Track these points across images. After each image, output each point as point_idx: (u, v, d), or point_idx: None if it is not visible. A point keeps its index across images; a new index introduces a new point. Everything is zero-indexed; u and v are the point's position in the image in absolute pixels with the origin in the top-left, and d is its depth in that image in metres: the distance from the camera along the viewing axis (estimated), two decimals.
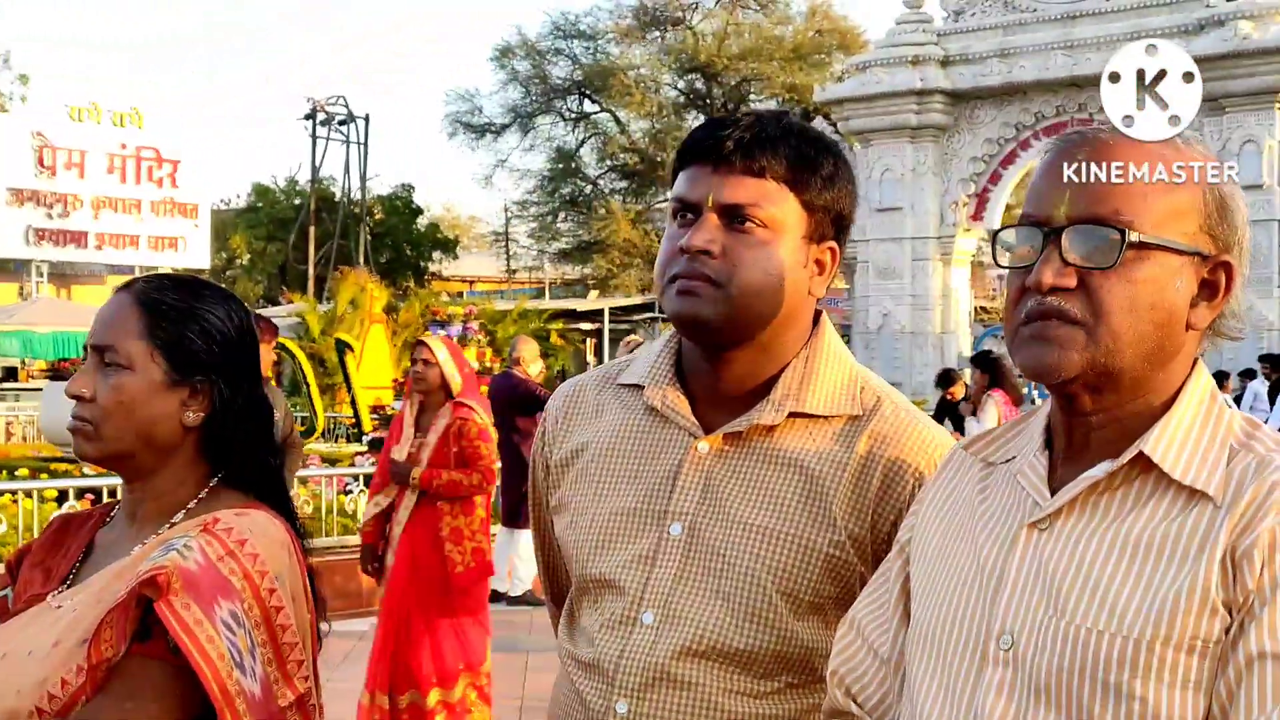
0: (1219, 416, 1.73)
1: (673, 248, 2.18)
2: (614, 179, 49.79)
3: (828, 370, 2.26)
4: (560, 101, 49.37)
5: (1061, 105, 24.40)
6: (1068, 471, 1.76)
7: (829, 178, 2.22)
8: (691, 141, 2.22)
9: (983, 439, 1.95)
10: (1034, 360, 1.72)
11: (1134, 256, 1.69)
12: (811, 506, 2.16)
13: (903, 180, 25.55)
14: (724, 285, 2.14)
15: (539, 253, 51.96)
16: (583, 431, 2.37)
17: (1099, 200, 1.70)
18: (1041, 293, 1.71)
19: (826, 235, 2.25)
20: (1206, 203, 1.73)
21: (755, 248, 2.16)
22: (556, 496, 2.38)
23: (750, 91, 46.50)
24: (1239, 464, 1.66)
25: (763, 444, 2.21)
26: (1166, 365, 1.73)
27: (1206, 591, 1.58)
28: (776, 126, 2.20)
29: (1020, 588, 1.71)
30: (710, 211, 2.16)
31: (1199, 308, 1.74)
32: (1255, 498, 1.60)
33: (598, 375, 2.45)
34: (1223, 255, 1.74)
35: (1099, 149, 1.74)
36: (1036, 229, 1.74)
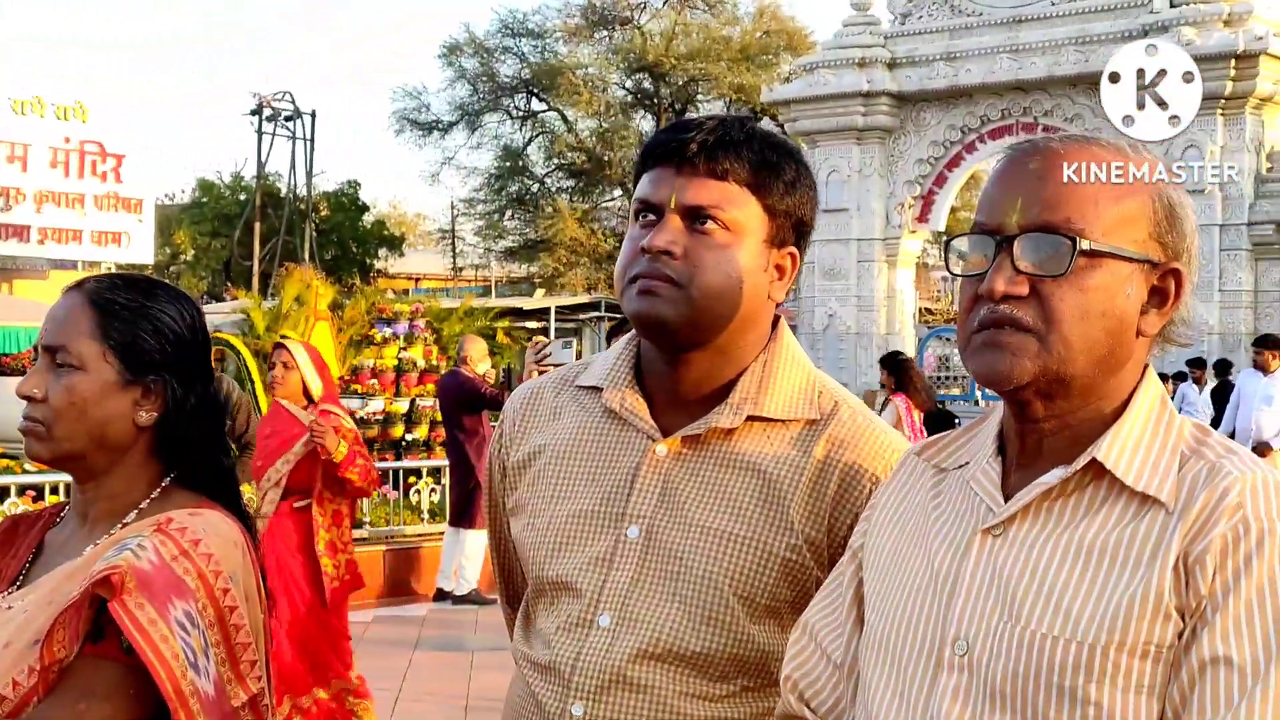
0: (1170, 423, 1.75)
1: (634, 248, 2.18)
2: (561, 178, 49.72)
3: (786, 374, 2.26)
4: (508, 100, 49.25)
5: (1006, 109, 24.58)
6: (1021, 477, 1.77)
7: (791, 183, 2.24)
8: (655, 143, 2.23)
9: (935, 444, 1.96)
10: (987, 367, 1.73)
11: (1085, 264, 1.70)
12: (769, 510, 2.16)
13: (849, 182, 25.66)
14: (685, 286, 2.14)
15: (485, 251, 51.78)
16: (541, 433, 2.36)
17: (1050, 208, 1.72)
18: (994, 300, 1.72)
19: (787, 240, 2.26)
20: (1156, 210, 1.75)
21: (716, 250, 2.16)
22: (514, 498, 2.37)
23: (698, 92, 46.53)
24: (1190, 470, 1.68)
25: (721, 447, 2.21)
26: (1117, 372, 1.75)
27: (1160, 597, 1.60)
28: (741, 130, 2.21)
29: (974, 593, 1.72)
30: (672, 213, 2.16)
31: (1149, 315, 1.75)
32: (1207, 504, 1.62)
33: (556, 377, 2.45)
34: (1172, 263, 1.75)
35: (1050, 157, 1.75)
36: (989, 237, 1.75)
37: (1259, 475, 1.64)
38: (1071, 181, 1.73)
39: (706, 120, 2.22)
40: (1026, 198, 1.73)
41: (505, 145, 49.21)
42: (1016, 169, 1.77)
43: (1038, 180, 1.74)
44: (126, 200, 28.01)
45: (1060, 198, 1.72)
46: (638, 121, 47.64)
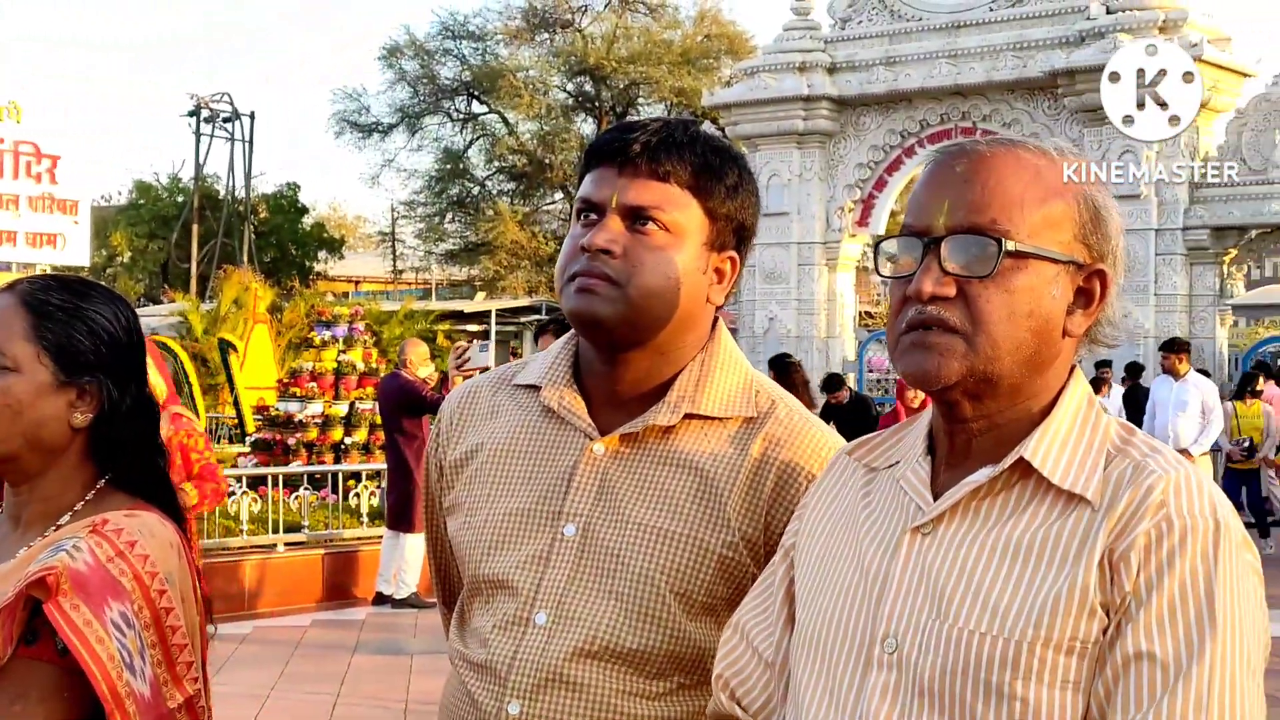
0: (1096, 422, 1.78)
1: (574, 246, 2.20)
2: (502, 180, 49.59)
3: (723, 374, 2.28)
4: (448, 102, 49.08)
5: (946, 113, 24.70)
6: (950, 477, 1.79)
7: (733, 188, 2.25)
8: (599, 143, 2.24)
9: (866, 444, 1.98)
10: (915, 368, 1.75)
11: (1011, 265, 1.73)
12: (706, 507, 2.18)
13: (789, 185, 25.71)
14: (623, 286, 2.16)
15: (426, 253, 51.60)
16: (478, 432, 2.37)
17: (976, 210, 1.74)
18: (922, 301, 1.74)
19: (727, 244, 2.27)
20: (1081, 213, 1.78)
21: (656, 250, 2.18)
22: (450, 498, 2.38)
23: (639, 95, 46.53)
24: (1116, 468, 1.71)
25: (658, 445, 2.22)
26: (1044, 372, 1.78)
27: (1085, 593, 1.62)
28: (684, 133, 2.23)
29: (904, 591, 1.74)
30: (613, 212, 2.18)
31: (1075, 315, 1.78)
32: (1132, 502, 1.65)
33: (493, 377, 2.45)
34: (1097, 264, 1.79)
35: (977, 160, 1.78)
36: (917, 239, 1.78)
37: (1182, 473, 1.67)
38: (998, 184, 1.75)
39: (651, 122, 2.24)
40: (953, 200, 1.76)
41: (446, 148, 49.05)
42: (944, 172, 1.79)
43: (964, 183, 1.76)
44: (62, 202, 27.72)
45: (986, 200, 1.75)
46: (579, 125, 47.58)
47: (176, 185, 49.51)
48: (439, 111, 49.20)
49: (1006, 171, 1.76)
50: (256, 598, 11.84)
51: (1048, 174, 1.78)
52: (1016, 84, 23.75)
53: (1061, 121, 23.50)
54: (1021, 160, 1.78)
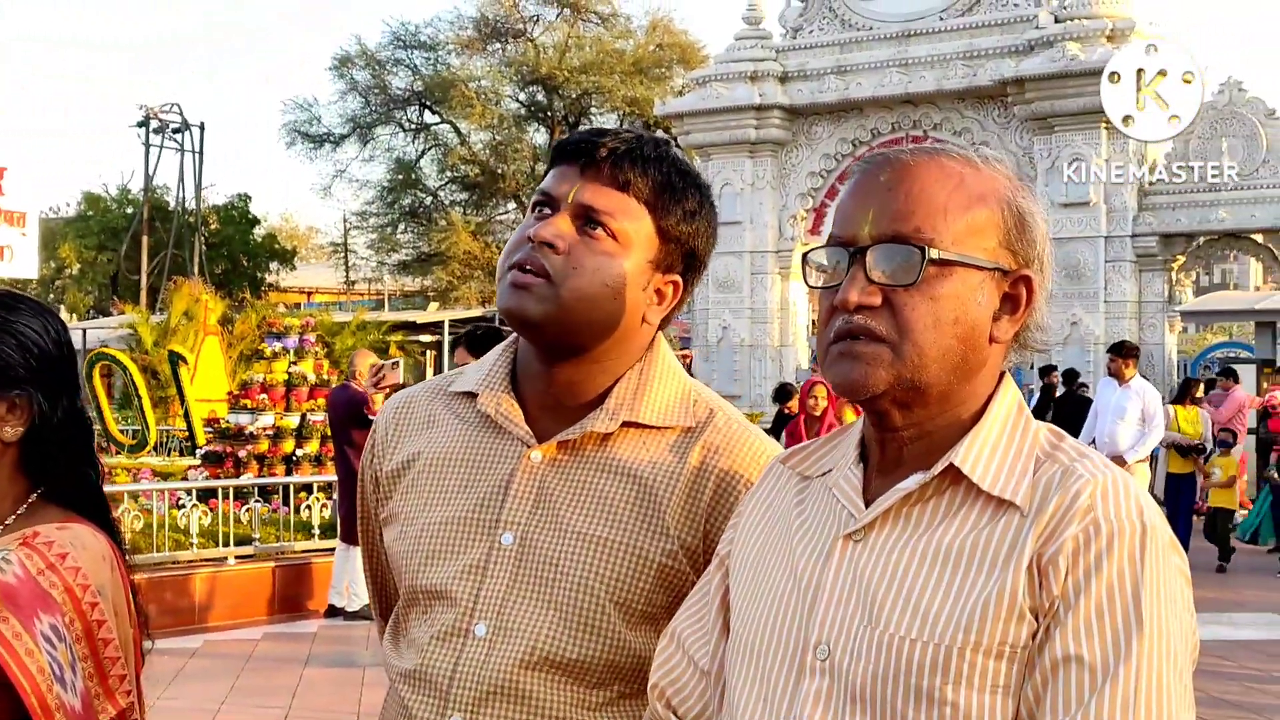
0: (1025, 428, 1.79)
1: (522, 235, 2.20)
2: (454, 190, 49.52)
3: (661, 383, 2.28)
4: (400, 112, 48.98)
5: (897, 122, 24.83)
6: (882, 484, 1.80)
7: (691, 213, 2.26)
8: (569, 140, 2.24)
9: (799, 453, 1.99)
10: (843, 377, 1.77)
11: (935, 273, 1.74)
12: (645, 516, 2.18)
13: (742, 194, 25.78)
14: (557, 285, 2.15)
15: (378, 264, 51.42)
16: (413, 442, 2.36)
17: (900, 219, 1.76)
18: (848, 311, 1.75)
19: (674, 267, 2.27)
20: (1005, 219, 1.79)
21: (599, 256, 2.17)
22: (387, 509, 2.37)
23: (591, 105, 46.55)
24: (1045, 474, 1.72)
25: (597, 453, 2.22)
26: (972, 378, 1.79)
27: (1014, 598, 1.64)
28: (654, 149, 2.23)
29: (836, 598, 1.75)
30: (566, 209, 2.18)
31: (1001, 321, 1.79)
32: (1059, 507, 1.66)
33: (429, 386, 2.44)
34: (1023, 270, 1.80)
35: (900, 169, 1.79)
36: (842, 249, 1.79)
37: (1110, 477, 1.69)
38: (922, 191, 1.77)
39: (625, 131, 2.25)
40: (878, 209, 1.77)
41: (398, 158, 48.94)
42: (868, 181, 1.81)
43: (887, 192, 1.78)
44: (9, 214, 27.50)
45: (909, 209, 1.76)
46: (531, 134, 47.57)
47: (126, 197, 49.22)
48: (391, 121, 49.10)
49: (930, 180, 1.78)
50: (207, 611, 11.78)
51: (972, 181, 1.79)
52: (967, 92, 23.90)
53: (1012, 130, 23.66)
54: (945, 168, 1.79)
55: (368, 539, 2.51)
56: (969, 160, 1.82)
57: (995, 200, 1.79)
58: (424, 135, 49.41)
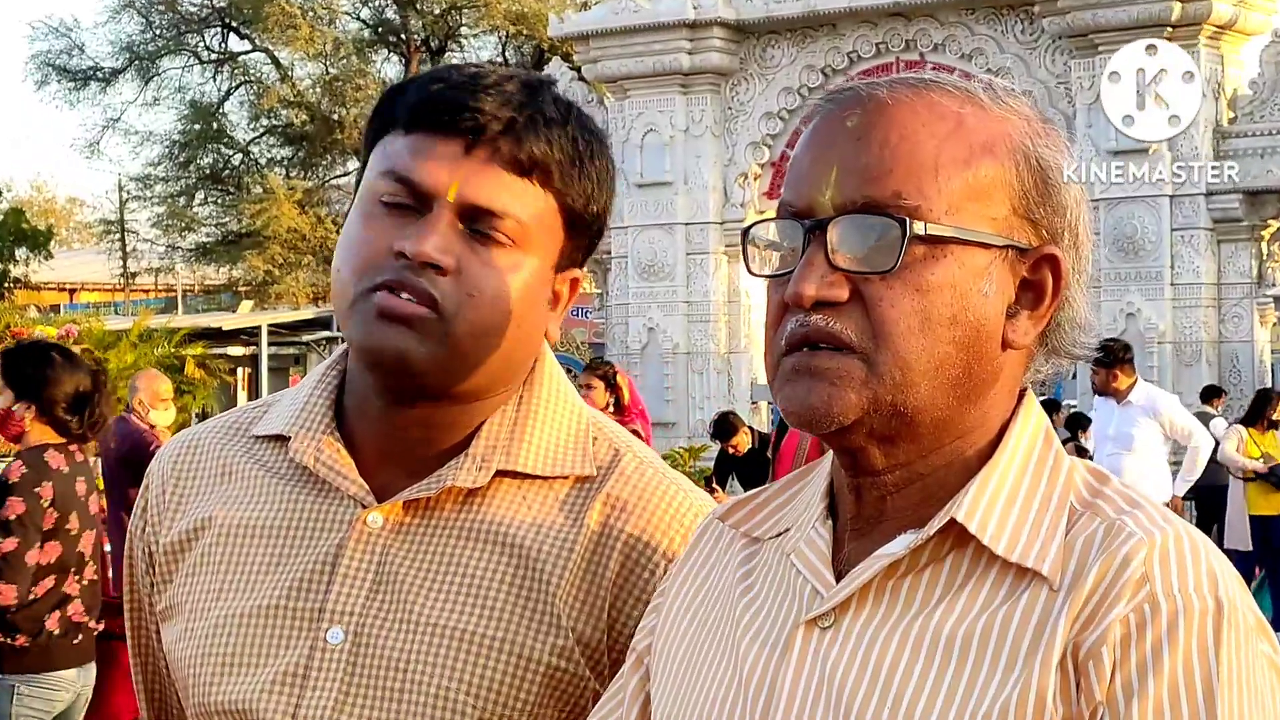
0: (1056, 466, 1.79)
1: (378, 242, 2.14)
2: (273, 145, 49.35)
3: (549, 416, 2.28)
4: (195, 37, 48.74)
5: (883, 41, 24.93)
6: (858, 548, 1.79)
7: (600, 182, 2.26)
8: (431, 99, 2.18)
9: (744, 506, 1.98)
10: (797, 403, 1.75)
11: (923, 254, 1.73)
12: (527, 601, 2.17)
13: (672, 144, 25.80)
14: (449, 318, 2.12)
15: (168, 249, 51.10)
16: (202, 503, 2.33)
17: (873, 180, 1.74)
18: (804, 309, 1.74)
19: (576, 261, 2.28)
20: (1021, 177, 1.78)
21: (499, 272, 2.15)
22: (166, 597, 2.34)
23: (461, 24, 46.54)
24: (1082, 531, 1.71)
25: (459, 515, 2.21)
26: (980, 399, 1.78)
27: (1041, 702, 1.63)
28: (555, 106, 2.21)
29: (797, 704, 1.74)
30: (447, 207, 2.13)
31: (1019, 319, 1.79)
32: (1103, 577, 1.65)
33: (222, 425, 2.41)
34: (1047, 246, 1.79)
35: (874, 109, 1.78)
36: (796, 222, 1.77)
37: (1170, 535, 1.68)
38: (903, 141, 1.75)
39: (506, 79, 2.20)
40: (843, 167, 1.75)
41: (193, 101, 48.68)
42: (831, 127, 1.79)
43: (856, 141, 1.76)
44: None
45: (887, 165, 1.74)
46: (379, 66, 47.55)
47: None
48: (182, 51, 48.84)
49: (915, 123, 1.76)
50: None
51: (974, 124, 1.78)
52: (979, 0, 24.04)
53: (1041, 51, 23.83)
54: (936, 107, 1.78)
55: (138, 640, 2.48)
56: (970, 96, 1.80)
57: (1007, 150, 1.78)
58: (229, 69, 49.15)
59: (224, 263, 49.61)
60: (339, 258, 2.20)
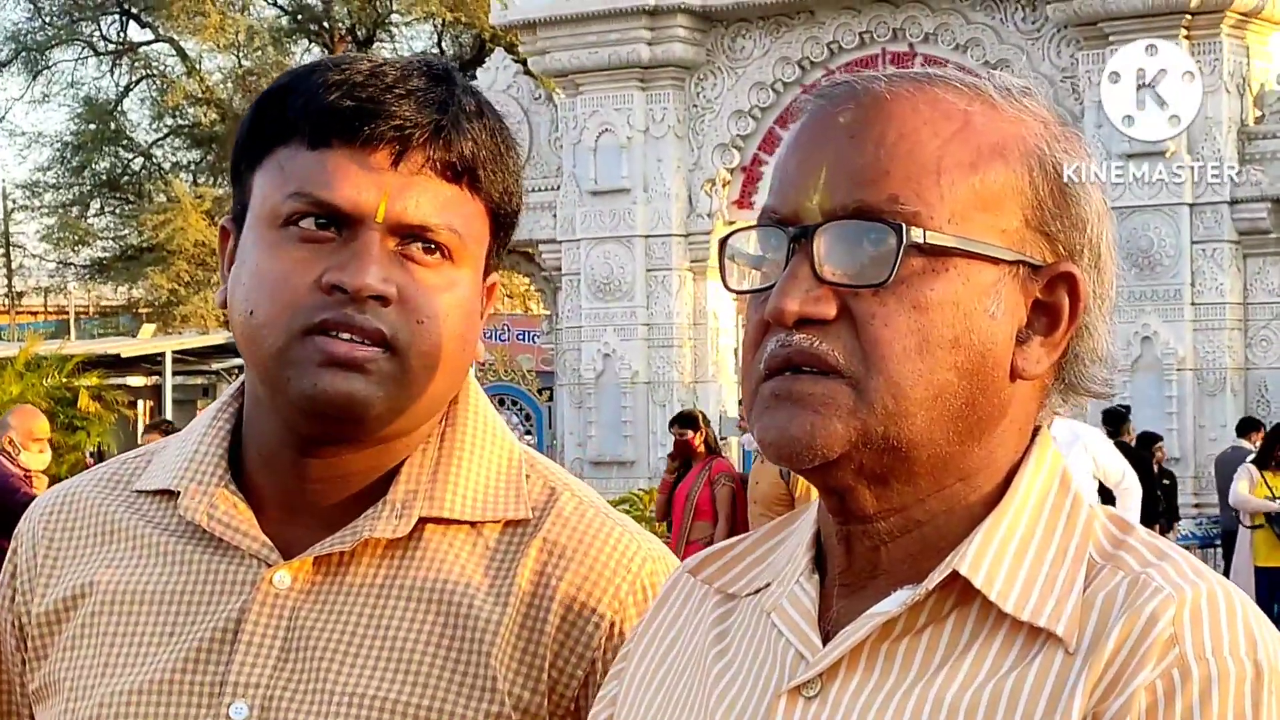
0: (1072, 515, 1.77)
1: (299, 275, 2.11)
2: (179, 147, 49.41)
3: (477, 453, 2.27)
4: (90, 25, 48.79)
5: (868, 30, 25.05)
6: (848, 606, 1.78)
7: (516, 175, 2.26)
8: (338, 105, 2.14)
9: (718, 558, 1.96)
10: (777, 434, 1.73)
11: (922, 267, 1.71)
12: (457, 664, 2.16)
13: (630, 146, 25.88)
14: (403, 352, 2.11)
15: (59, 265, 51.13)
16: (81, 566, 2.31)
17: (868, 183, 1.73)
18: (786, 327, 1.72)
19: (494, 265, 2.28)
20: (1036, 185, 1.77)
21: (442, 292, 2.15)
22: (40, 675, 2.31)
23: (393, 10, 46.61)
24: (1102, 587, 1.69)
25: (379, 570, 2.19)
26: (984, 436, 1.77)
27: None
28: (470, 97, 2.20)
29: None
30: (377, 229, 2.11)
31: (1030, 345, 1.77)
32: (1126, 638, 1.64)
33: (100, 478, 2.39)
34: (1063, 264, 1.78)
35: (871, 105, 1.77)
36: (779, 229, 1.76)
37: (1203, 590, 1.67)
38: (902, 140, 1.74)
39: (408, 75, 2.17)
40: (833, 167, 1.74)
41: (87, 97, 48.72)
42: (821, 124, 1.79)
43: (849, 140, 1.75)
44: None
45: (883, 166, 1.73)
46: (299, 58, 47.47)
47: None
48: (75, 41, 48.86)
49: (916, 121, 1.75)
50: None
51: (983, 124, 1.77)
52: None
53: (1044, 41, 23.96)
54: (940, 104, 1.77)
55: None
56: (979, 93, 1.80)
57: (1020, 154, 1.77)
58: (128, 61, 49.16)
59: (123, 281, 49.60)
60: (245, 296, 2.15)
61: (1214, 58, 22.23)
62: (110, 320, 51.98)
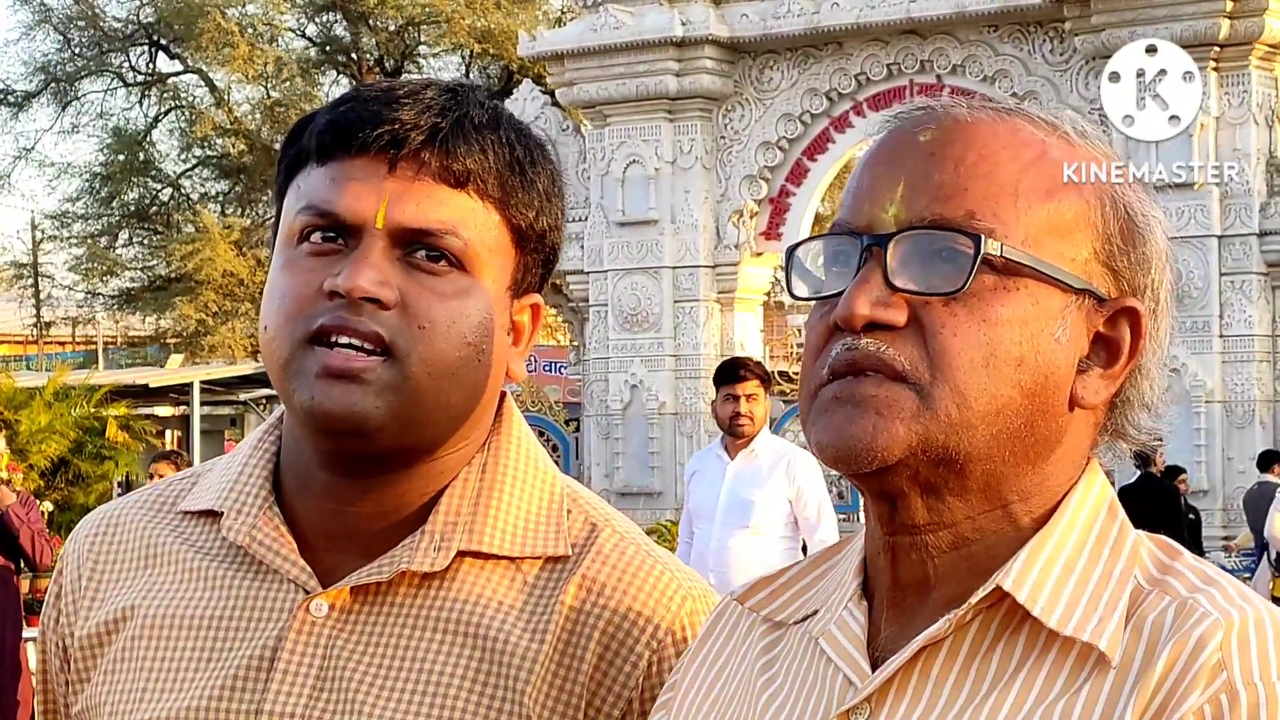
0: (1119, 541, 1.77)
1: (305, 285, 2.11)
2: (208, 178, 49.41)
3: (518, 486, 2.25)
4: (119, 57, 48.80)
5: (896, 62, 25.02)
6: (897, 630, 1.77)
7: (548, 195, 2.24)
8: (343, 120, 2.16)
9: (765, 586, 1.96)
10: (836, 435, 1.73)
11: (994, 284, 1.72)
12: (492, 700, 2.14)
13: (658, 177, 25.84)
14: (402, 358, 2.09)
15: (88, 295, 51.08)
16: (123, 590, 2.30)
17: (946, 197, 1.74)
18: (854, 331, 1.72)
19: (532, 285, 2.26)
20: (1106, 221, 1.78)
21: (450, 299, 2.12)
22: (83, 698, 2.30)
23: (420, 41, 46.61)
24: (1150, 611, 1.68)
25: (415, 601, 2.18)
26: (1040, 461, 1.76)
27: None
28: (482, 109, 2.18)
29: None
30: (377, 235, 2.10)
31: (1089, 375, 1.77)
32: (1174, 663, 1.63)
33: (145, 500, 2.39)
34: (1127, 299, 1.78)
35: (952, 128, 1.78)
36: (853, 239, 1.77)
37: (1251, 616, 1.65)
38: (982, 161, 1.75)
39: (422, 88, 2.19)
40: (911, 182, 1.75)
41: (116, 128, 48.71)
42: (900, 143, 1.79)
43: (929, 157, 1.76)
44: None
45: (961, 183, 1.74)
46: (327, 89, 47.53)
47: None
48: (105, 72, 48.90)
49: (996, 145, 1.76)
50: None
51: (1059, 156, 1.78)
52: (1002, 15, 24.11)
53: (1072, 73, 23.92)
54: (1019, 131, 1.78)
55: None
56: (1055, 128, 1.81)
57: (1093, 189, 1.78)
58: (157, 92, 49.19)
59: (151, 311, 49.57)
60: (264, 315, 2.16)
61: (1243, 90, 22.20)
62: (138, 350, 51.98)
